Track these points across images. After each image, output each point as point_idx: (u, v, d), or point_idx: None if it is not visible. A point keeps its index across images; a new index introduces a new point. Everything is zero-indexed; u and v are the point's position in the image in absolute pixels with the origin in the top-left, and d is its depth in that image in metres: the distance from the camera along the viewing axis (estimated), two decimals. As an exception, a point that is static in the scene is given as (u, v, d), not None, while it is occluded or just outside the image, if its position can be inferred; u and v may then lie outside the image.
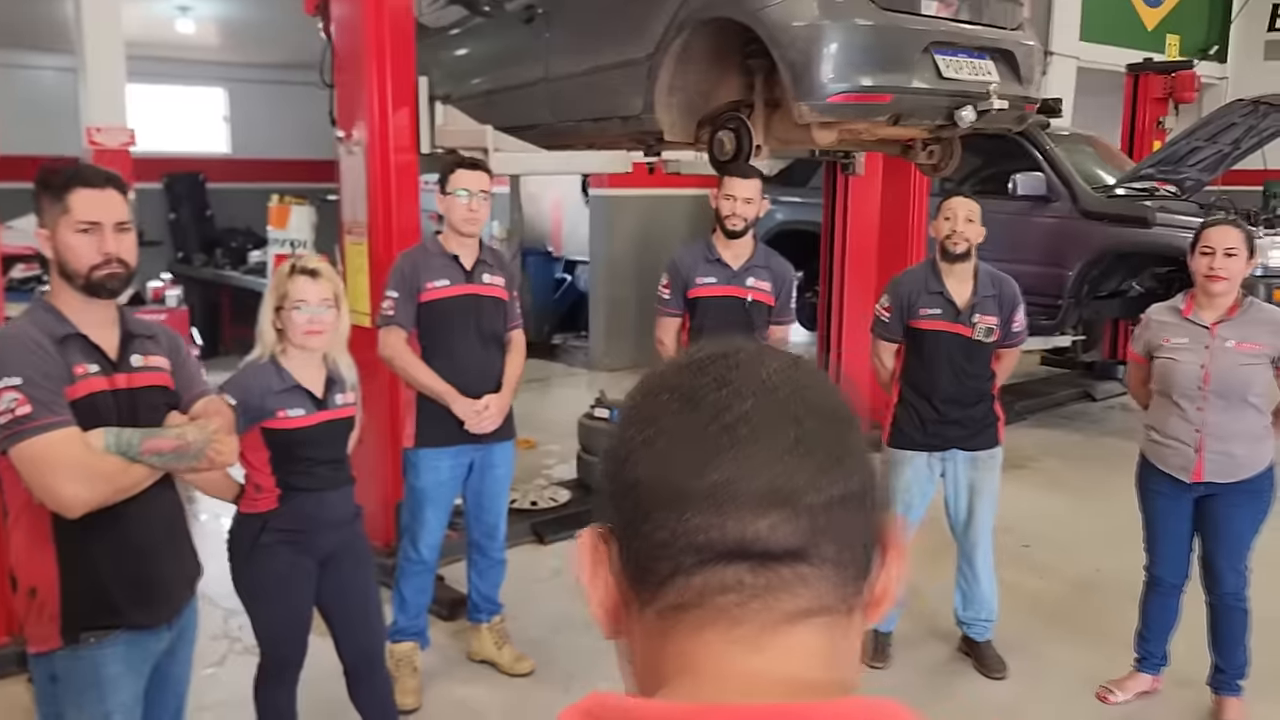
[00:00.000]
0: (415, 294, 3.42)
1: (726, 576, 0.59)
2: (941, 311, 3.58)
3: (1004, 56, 4.15)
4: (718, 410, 0.60)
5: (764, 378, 0.61)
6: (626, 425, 0.64)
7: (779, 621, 0.59)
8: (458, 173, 3.39)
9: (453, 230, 3.44)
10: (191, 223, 10.46)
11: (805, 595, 0.60)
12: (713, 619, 0.59)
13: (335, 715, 3.08)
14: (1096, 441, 6.91)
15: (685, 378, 0.62)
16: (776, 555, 0.58)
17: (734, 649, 0.59)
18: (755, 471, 0.58)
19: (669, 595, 0.60)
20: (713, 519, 0.58)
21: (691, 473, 0.58)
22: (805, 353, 8.90)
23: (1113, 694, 3.53)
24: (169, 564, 2.12)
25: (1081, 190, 6.75)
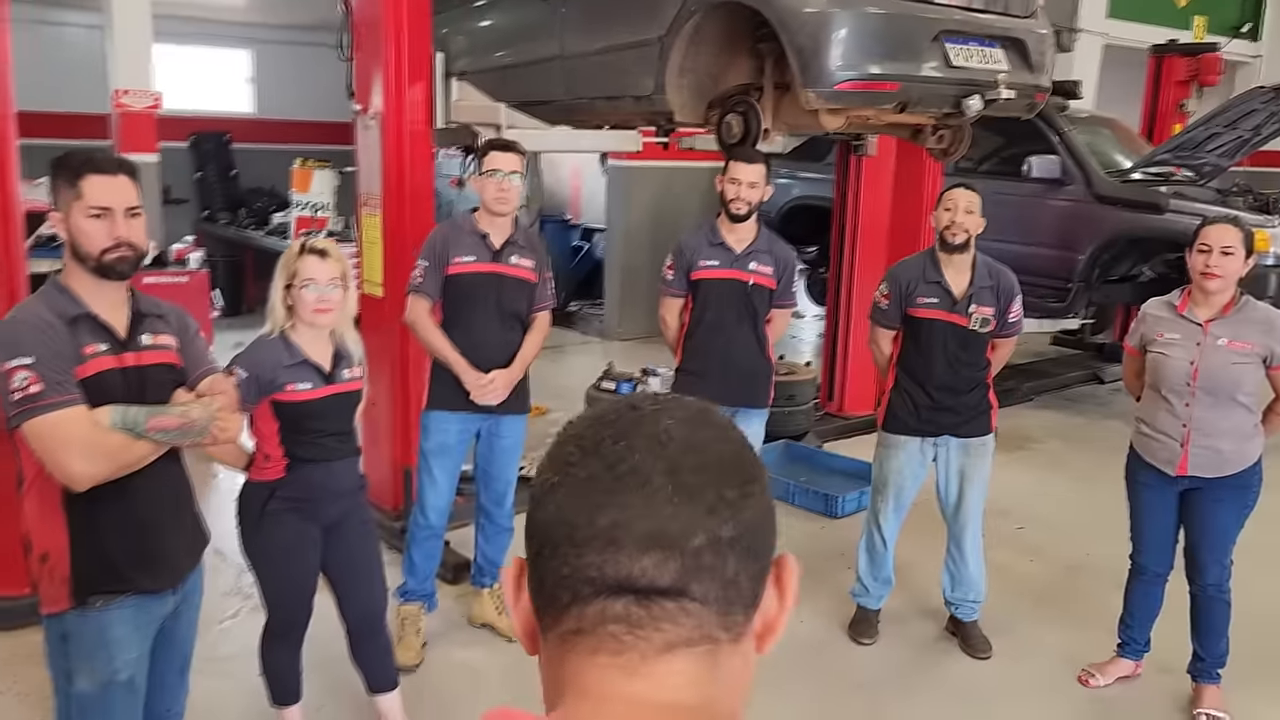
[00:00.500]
0: (443, 266, 3.53)
1: (616, 607, 0.67)
2: (939, 301, 3.63)
3: (1015, 45, 4.16)
4: (612, 462, 0.68)
5: (656, 433, 0.69)
6: (541, 470, 0.72)
7: (660, 649, 0.67)
8: (491, 154, 3.48)
9: (485, 209, 3.54)
10: (217, 182, 10.58)
11: (686, 625, 0.67)
12: (602, 644, 0.68)
13: (338, 673, 3.23)
14: (1100, 425, 6.94)
15: (591, 430, 0.71)
16: (659, 590, 0.66)
17: (618, 674, 0.67)
18: (639, 517, 0.66)
19: (568, 622, 0.69)
20: (605, 557, 0.66)
21: (587, 516, 0.67)
22: (814, 328, 8.93)
23: (1094, 677, 3.62)
24: (174, 534, 2.23)
25: (1095, 174, 6.72)
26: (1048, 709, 3.49)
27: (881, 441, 3.84)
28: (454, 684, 3.52)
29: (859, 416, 6.48)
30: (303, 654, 2.98)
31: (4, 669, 3.46)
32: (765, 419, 4.06)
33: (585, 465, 0.68)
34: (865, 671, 3.71)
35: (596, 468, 0.68)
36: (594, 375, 6.09)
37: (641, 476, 0.67)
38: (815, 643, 3.88)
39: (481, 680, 3.56)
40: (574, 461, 0.69)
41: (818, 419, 6.43)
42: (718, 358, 3.89)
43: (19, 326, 1.98)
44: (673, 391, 4.03)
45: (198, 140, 10.56)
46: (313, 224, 8.44)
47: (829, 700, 3.50)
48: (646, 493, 0.66)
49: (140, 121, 7.35)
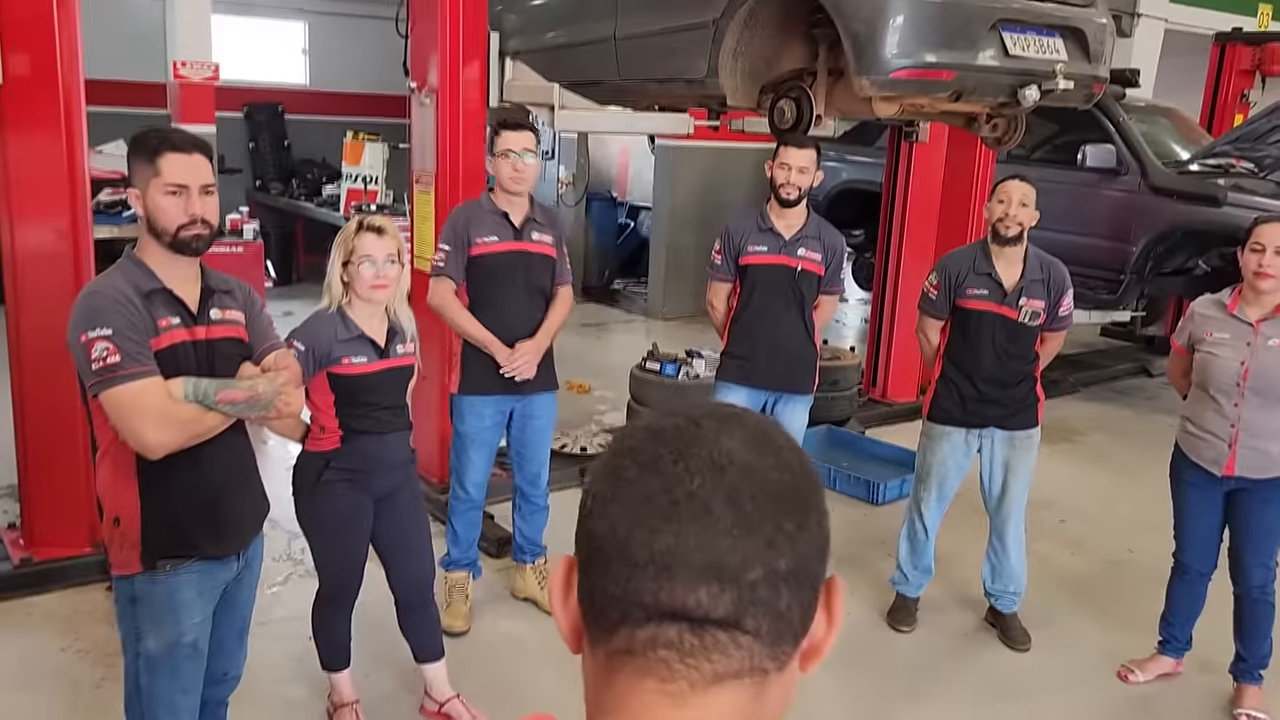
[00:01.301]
0: (466, 248, 3.56)
1: (669, 634, 0.66)
2: (989, 292, 3.62)
3: (1074, 34, 4.11)
4: (670, 484, 0.66)
5: (716, 456, 0.67)
6: (595, 477, 0.71)
7: (709, 680, 0.67)
8: (502, 134, 3.49)
9: (501, 189, 3.57)
10: (270, 152, 10.71)
11: (736, 657, 0.67)
12: (651, 669, 0.67)
13: (385, 641, 3.33)
14: (1147, 418, 6.87)
15: (650, 445, 0.69)
16: (713, 621, 0.66)
17: (664, 701, 0.67)
18: (697, 547, 0.65)
19: (617, 641, 0.68)
20: (660, 583, 0.65)
21: (643, 539, 0.66)
22: (859, 313, 8.88)
23: (1134, 674, 3.62)
24: (239, 502, 2.31)
25: (1152, 164, 6.61)
26: (1086, 703, 3.50)
27: (926, 431, 3.85)
28: (498, 655, 3.60)
29: (902, 404, 6.47)
30: (353, 621, 3.07)
31: (66, 626, 3.59)
32: (810, 405, 4.08)
33: (642, 483, 0.67)
34: (903, 659, 3.74)
35: (654, 488, 0.67)
36: (637, 354, 6.12)
37: (700, 504, 0.66)
38: (853, 629, 3.90)
39: (524, 651, 3.64)
40: (630, 478, 0.68)
41: (861, 405, 6.43)
42: (764, 343, 3.91)
43: (99, 299, 2.05)
44: (718, 374, 4.08)
45: (251, 111, 10.69)
46: (363, 196, 8.55)
47: (866, 686, 3.54)
48: (705, 522, 0.66)
49: (198, 92, 7.47)
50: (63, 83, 3.66)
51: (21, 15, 3.56)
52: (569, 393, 6.52)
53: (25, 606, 3.71)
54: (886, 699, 3.47)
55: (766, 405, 4.02)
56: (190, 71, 7.42)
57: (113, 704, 2.62)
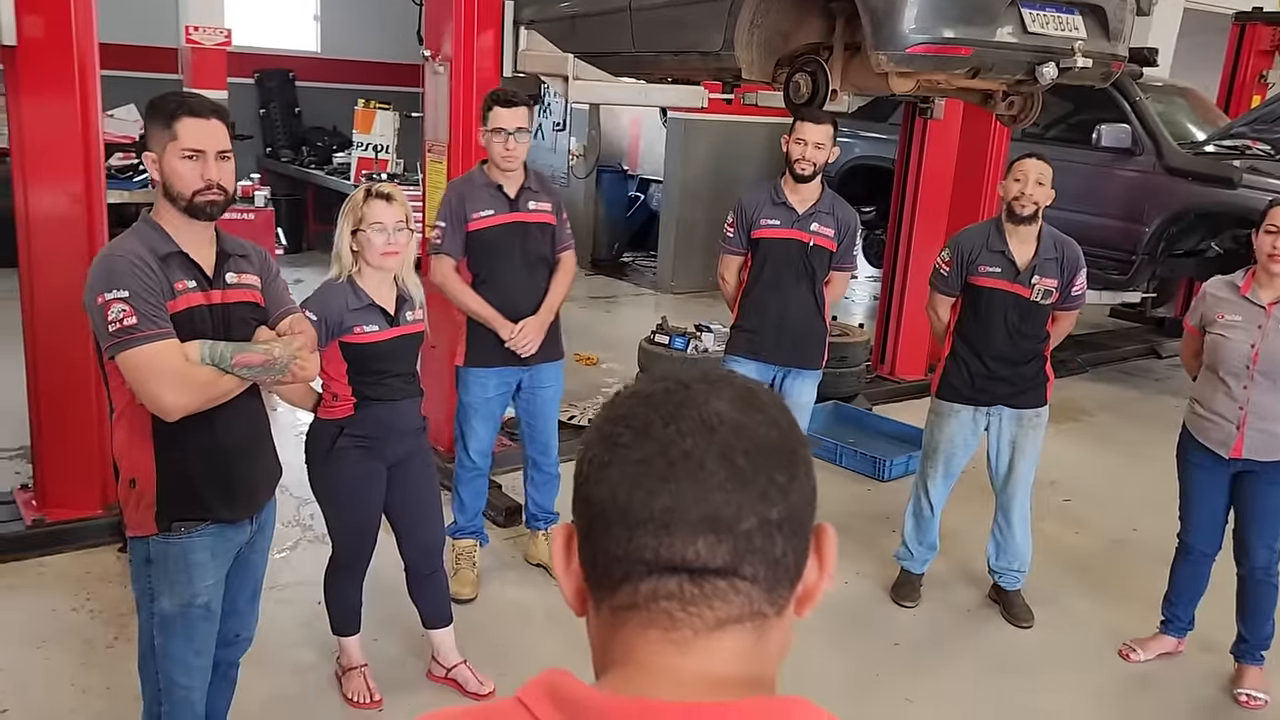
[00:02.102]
0: (463, 224, 3.56)
1: (669, 585, 0.70)
2: (1001, 270, 3.62)
3: (1093, 12, 4.08)
4: (664, 445, 0.70)
5: (706, 416, 0.71)
6: (589, 444, 0.74)
7: (711, 626, 0.71)
8: (495, 110, 3.46)
9: (493, 165, 3.56)
10: (281, 119, 10.68)
11: (736, 602, 0.71)
12: (655, 620, 0.71)
13: (394, 606, 3.36)
14: (1154, 400, 6.87)
15: (641, 410, 0.72)
16: (712, 570, 0.70)
17: (669, 648, 0.71)
18: (693, 503, 0.69)
19: (620, 597, 0.72)
20: (660, 539, 0.69)
21: (641, 500, 0.69)
22: (868, 290, 8.86)
23: (1135, 652, 3.64)
24: (253, 466, 2.33)
25: (1167, 145, 6.57)
26: (1087, 680, 3.53)
27: (934, 408, 3.85)
28: (505, 621, 3.64)
29: (910, 381, 6.47)
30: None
31: (78, 586, 3.63)
32: (818, 380, 4.09)
33: (637, 447, 0.70)
34: (906, 634, 3.76)
35: (649, 451, 0.70)
36: (646, 327, 6.13)
37: (694, 462, 0.69)
38: (858, 603, 3.94)
39: (531, 618, 3.67)
40: (625, 443, 0.71)
41: (868, 381, 6.43)
42: (774, 317, 3.91)
43: (116, 261, 2.06)
44: (728, 348, 4.08)
45: (262, 77, 10.66)
46: (374, 165, 8.53)
47: (869, 660, 3.57)
48: (700, 478, 0.69)
49: (210, 57, 7.46)
50: (77, 45, 3.65)
51: (36, -25, 3.55)
52: (577, 365, 6.54)
53: (38, 566, 3.75)
54: (890, 673, 3.50)
55: (775, 380, 4.02)
56: (202, 36, 7.40)
57: (124, 662, 2.67)
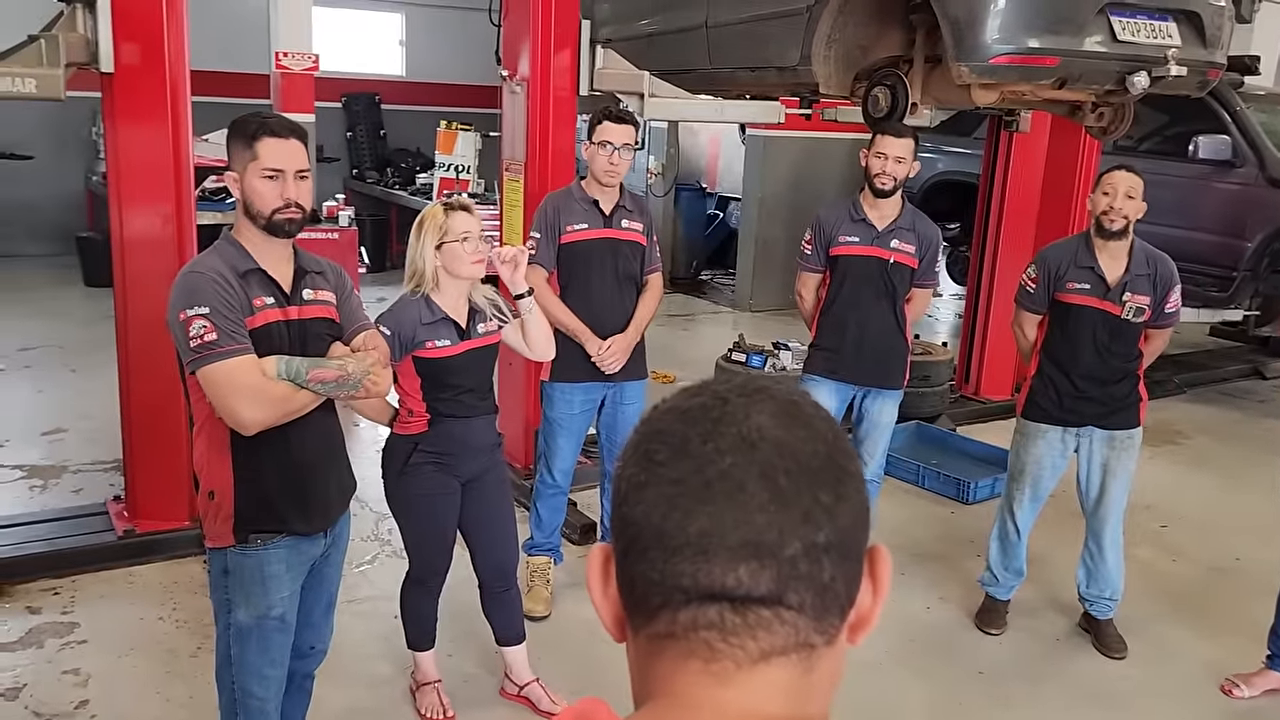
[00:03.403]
0: (557, 236, 3.59)
1: (710, 614, 0.65)
2: (1090, 287, 3.49)
3: (1189, 18, 3.94)
4: (701, 464, 0.66)
5: (747, 432, 0.66)
6: (626, 463, 0.70)
7: (755, 658, 0.66)
8: (604, 125, 3.49)
9: (593, 178, 3.58)
10: (367, 141, 10.96)
11: (781, 633, 0.66)
12: (695, 650, 0.66)
13: (468, 623, 3.37)
14: (1257, 422, 6.55)
15: (679, 426, 0.68)
16: (755, 599, 0.65)
17: (709, 680, 0.66)
18: (733, 526, 0.64)
19: (659, 625, 0.67)
20: (698, 565, 0.65)
21: (677, 522, 0.65)
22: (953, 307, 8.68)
23: (1239, 688, 3.45)
24: (328, 480, 2.36)
25: (1271, 156, 6.28)
26: (1186, 716, 3.36)
27: (1020, 429, 3.73)
28: (578, 640, 3.61)
29: (995, 401, 6.30)
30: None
31: (164, 596, 3.73)
32: (899, 400, 4.00)
33: (674, 466, 0.66)
34: (991, 662, 3.63)
35: (685, 470, 0.66)
36: (723, 346, 6.09)
37: (734, 482, 0.65)
38: (941, 630, 3.82)
39: (604, 637, 3.55)
40: (661, 461, 0.67)
41: (952, 401, 6.28)
42: (853, 335, 3.84)
43: (197, 278, 2.11)
44: (805, 367, 4.01)
45: (349, 101, 10.95)
46: (455, 185, 8.67)
47: (952, 689, 3.45)
48: (740, 500, 0.65)
49: (299, 82, 7.67)
50: (170, 72, 3.79)
51: (132, 7, 3.69)
52: (655, 382, 6.52)
53: (127, 576, 3.87)
54: (974, 703, 3.38)
55: (855, 400, 3.94)
56: (291, 62, 7.63)
57: (207, 672, 2.71)
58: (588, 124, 3.62)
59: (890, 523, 4.59)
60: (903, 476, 5.12)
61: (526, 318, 2.99)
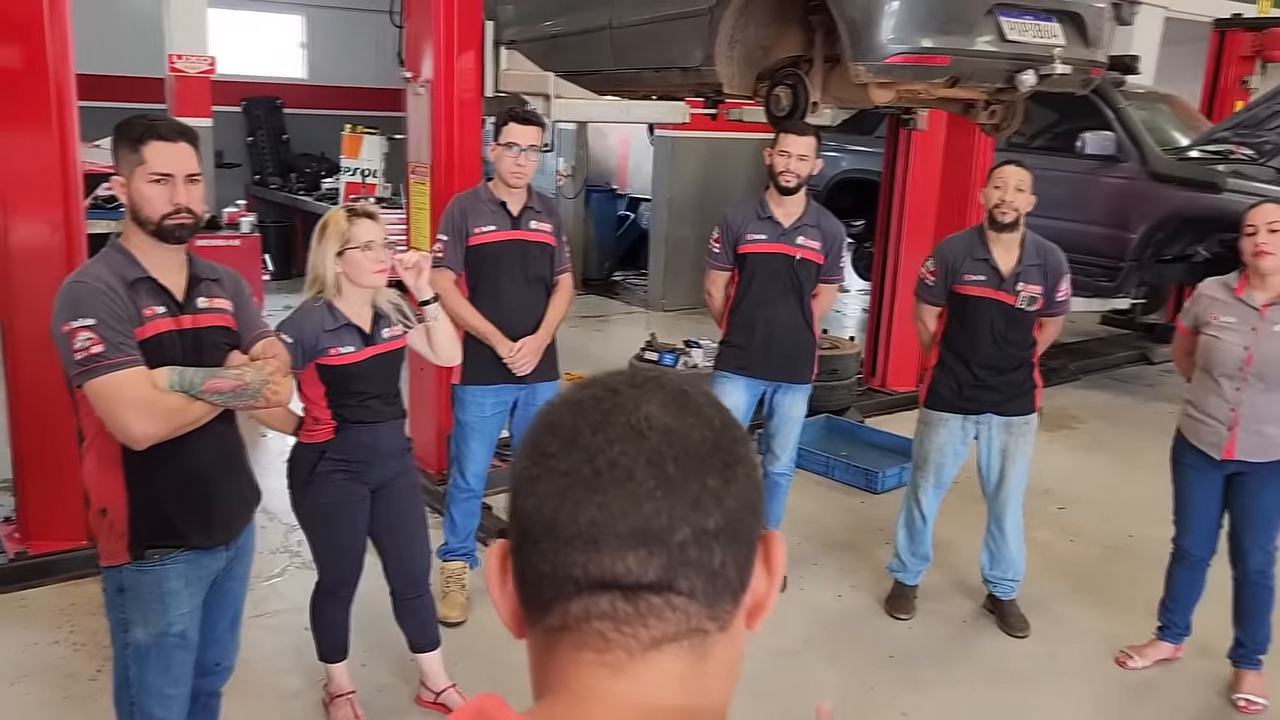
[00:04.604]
0: (464, 238, 3.56)
1: (601, 604, 0.66)
2: (986, 278, 3.60)
3: (1072, 19, 4.09)
4: (591, 454, 0.66)
5: (635, 423, 0.67)
6: (518, 458, 0.71)
7: (646, 646, 0.66)
8: (510, 126, 3.48)
9: (500, 180, 3.56)
10: (269, 146, 10.69)
11: (672, 620, 0.66)
12: (587, 641, 0.67)
13: (381, 631, 3.32)
14: (1147, 406, 6.85)
15: (569, 418, 0.69)
16: (645, 586, 0.65)
17: (603, 671, 0.67)
18: (622, 514, 0.65)
19: (552, 617, 0.68)
20: (588, 555, 0.65)
21: (568, 514, 0.65)
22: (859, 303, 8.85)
23: (1132, 659, 3.61)
24: (227, 492, 2.30)
25: (1151, 151, 6.58)
26: (1085, 689, 3.49)
27: (923, 418, 3.83)
28: (495, 644, 3.59)
29: (902, 392, 6.45)
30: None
31: (60, 619, 3.59)
32: (809, 394, 4.07)
33: (564, 458, 0.67)
34: (901, 646, 3.72)
35: (575, 461, 0.66)
36: (636, 346, 6.11)
37: (623, 471, 0.65)
38: (852, 617, 3.90)
39: (520, 642, 3.62)
40: (552, 453, 0.68)
41: (860, 394, 6.41)
42: (762, 332, 3.89)
43: (82, 288, 2.04)
44: (716, 364, 4.06)
45: (249, 105, 10.67)
46: (362, 189, 8.53)
47: (864, 674, 3.53)
48: (629, 488, 0.65)
49: (195, 86, 7.45)
50: (54, 76, 3.65)
51: (10, 8, 3.55)
52: (567, 383, 6.50)
53: (20, 600, 3.71)
54: (885, 687, 3.46)
55: (765, 395, 4.00)
56: (186, 65, 7.40)
57: (107, 695, 2.62)
58: (494, 126, 3.60)
59: (802, 514, 4.67)
60: (813, 469, 5.21)
61: (431, 324, 2.96)
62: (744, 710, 3.09)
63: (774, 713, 3.22)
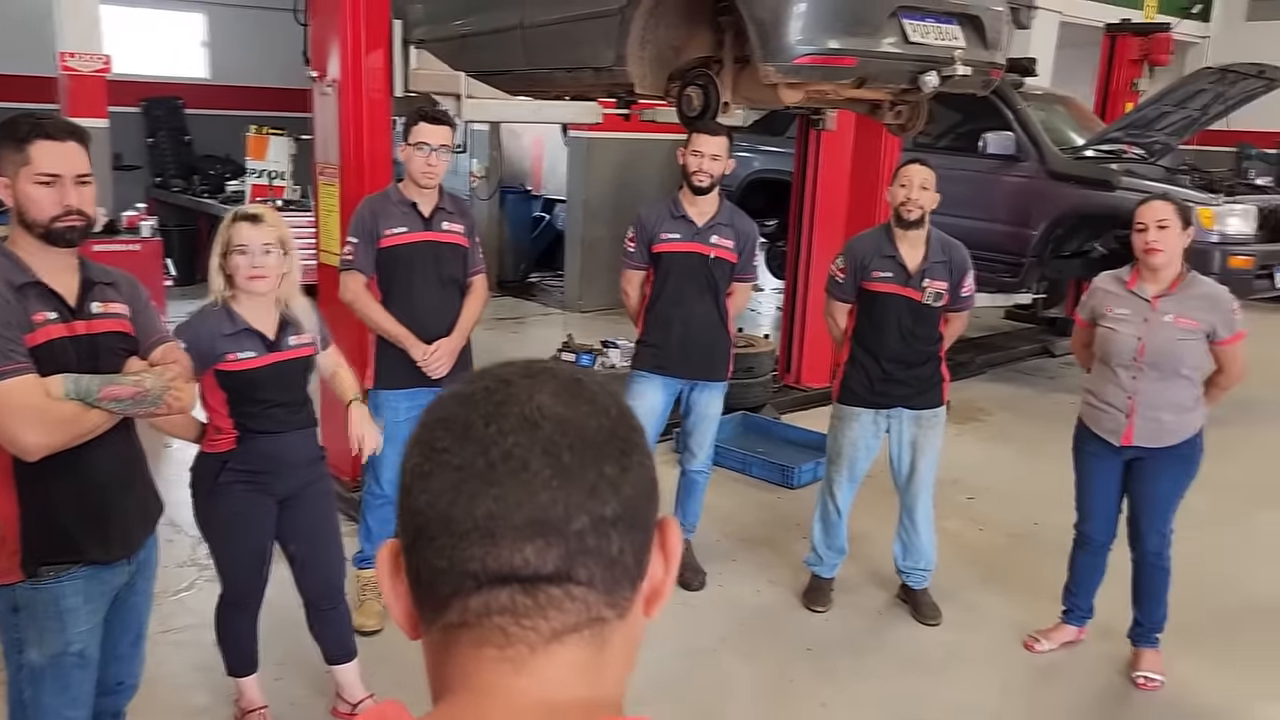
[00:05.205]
0: (375, 240, 3.50)
1: (501, 598, 0.65)
2: (893, 275, 3.68)
3: (971, 22, 4.21)
4: (485, 447, 0.65)
5: (528, 413, 0.66)
6: (410, 453, 0.69)
7: (547, 639, 0.66)
8: (420, 126, 3.43)
9: (411, 180, 3.51)
10: (170, 147, 10.36)
11: (572, 610, 0.66)
12: (488, 637, 0.66)
13: (295, 642, 3.23)
14: (1049, 397, 7.08)
15: (461, 411, 0.68)
16: (544, 577, 0.65)
17: (505, 668, 0.66)
18: (517, 506, 0.64)
19: (450, 615, 0.67)
20: (485, 548, 0.64)
21: (463, 508, 0.64)
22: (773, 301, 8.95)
23: (1039, 643, 3.72)
24: (126, 504, 2.22)
25: (1049, 151, 6.82)
26: (994, 674, 3.59)
27: (836, 413, 3.90)
28: (413, 652, 3.48)
29: (816, 389, 6.55)
30: (260, 624, 2.99)
31: (-46, 641, 3.42)
32: (725, 392, 4.10)
33: (457, 452, 0.66)
34: (818, 638, 3.78)
35: (469, 454, 0.65)
36: (554, 347, 6.10)
37: (517, 462, 0.65)
38: (770, 611, 3.95)
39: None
40: (445, 448, 0.66)
41: (775, 391, 6.49)
42: (678, 331, 3.91)
43: (-35, 295, 1.95)
44: (633, 363, 4.07)
45: (149, 105, 10.33)
46: (269, 192, 8.33)
47: (782, 667, 3.57)
48: (524, 479, 0.64)
49: (89, 85, 7.18)
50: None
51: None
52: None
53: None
54: (803, 679, 3.51)
55: (682, 393, 4.03)
56: (79, 64, 7.13)
57: (1, 720, 2.51)
58: (404, 126, 3.55)
59: (720, 511, 4.71)
60: (731, 465, 5.26)
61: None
62: (662, 711, 3.10)
63: (692, 713, 3.24)
